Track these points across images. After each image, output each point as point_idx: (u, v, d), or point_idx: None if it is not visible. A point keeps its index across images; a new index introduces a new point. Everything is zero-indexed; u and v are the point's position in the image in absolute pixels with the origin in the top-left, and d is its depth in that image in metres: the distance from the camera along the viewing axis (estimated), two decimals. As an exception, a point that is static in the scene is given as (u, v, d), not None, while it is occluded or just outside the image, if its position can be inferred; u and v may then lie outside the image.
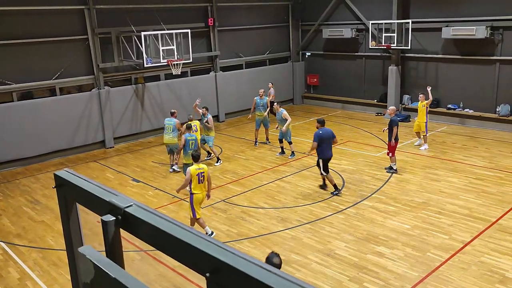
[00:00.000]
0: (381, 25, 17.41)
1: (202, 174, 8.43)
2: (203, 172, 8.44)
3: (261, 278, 0.90)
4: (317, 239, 8.61)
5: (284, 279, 0.90)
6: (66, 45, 14.55)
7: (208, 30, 18.07)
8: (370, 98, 19.37)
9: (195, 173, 8.36)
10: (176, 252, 1.11)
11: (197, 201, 8.57)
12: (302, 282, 0.92)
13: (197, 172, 8.38)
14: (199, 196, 8.55)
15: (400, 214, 9.52)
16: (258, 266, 0.94)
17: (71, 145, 14.82)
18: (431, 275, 7.27)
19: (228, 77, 18.86)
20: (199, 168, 8.43)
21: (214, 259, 0.98)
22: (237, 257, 0.98)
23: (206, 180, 8.53)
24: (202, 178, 8.44)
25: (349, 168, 12.40)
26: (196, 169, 8.40)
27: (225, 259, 0.97)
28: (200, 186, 8.49)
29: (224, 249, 1.01)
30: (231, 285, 0.96)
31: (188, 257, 1.06)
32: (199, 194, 8.52)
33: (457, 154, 13.20)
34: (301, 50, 21.60)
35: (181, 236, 1.08)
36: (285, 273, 0.92)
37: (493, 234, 8.47)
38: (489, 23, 15.08)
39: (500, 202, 9.85)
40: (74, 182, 1.51)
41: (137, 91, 16.26)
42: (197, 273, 1.12)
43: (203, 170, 8.45)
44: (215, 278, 0.97)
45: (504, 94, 15.49)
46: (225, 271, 0.96)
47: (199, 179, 8.41)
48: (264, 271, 0.93)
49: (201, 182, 8.47)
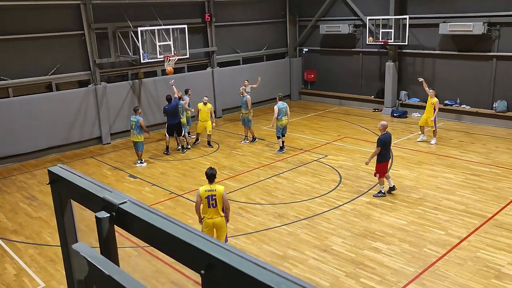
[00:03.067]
0: (378, 21, 17.40)
1: (213, 197, 7.03)
2: (214, 195, 7.03)
3: (256, 275, 0.90)
4: (314, 235, 8.63)
5: (278, 276, 0.89)
6: (62, 41, 14.48)
7: (205, 26, 18.01)
8: (367, 94, 19.38)
9: (203, 195, 7.05)
10: (171, 249, 1.10)
11: (206, 227, 7.17)
12: (295, 278, 0.91)
13: (206, 194, 7.03)
14: (208, 222, 7.13)
15: (396, 210, 9.55)
16: (252, 263, 0.94)
17: (68, 141, 14.77)
18: (428, 270, 7.30)
19: (225, 73, 18.82)
20: (210, 190, 7.05)
21: (208, 256, 0.97)
22: (232, 253, 0.97)
23: (219, 204, 7.09)
24: (213, 202, 7.04)
25: (346, 164, 12.41)
26: (206, 190, 7.05)
27: (219, 256, 0.96)
28: (211, 210, 7.09)
29: (218, 246, 1.01)
30: (226, 281, 0.95)
31: (183, 254, 1.05)
32: (208, 220, 7.14)
33: (454, 150, 13.23)
34: (298, 46, 21.57)
35: (175, 233, 1.07)
36: (279, 270, 0.92)
37: (489, 230, 8.51)
38: (486, 19, 15.09)
39: (496, 198, 9.89)
40: (68, 178, 1.50)
41: (134, 87, 16.21)
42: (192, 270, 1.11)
43: (214, 192, 7.03)
44: (209, 275, 0.97)
45: (500, 90, 15.52)
46: (219, 268, 0.96)
47: (209, 202, 7.04)
48: (258, 268, 0.93)
49: (212, 206, 7.07)
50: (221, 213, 7.16)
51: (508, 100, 15.36)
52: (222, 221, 7.20)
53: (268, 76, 20.36)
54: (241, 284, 0.92)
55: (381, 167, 10.05)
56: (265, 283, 0.86)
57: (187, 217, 9.57)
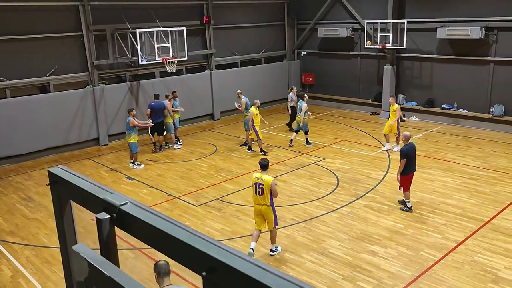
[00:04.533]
0: (377, 24, 17.45)
1: (260, 185, 7.48)
2: (262, 184, 7.48)
3: (258, 277, 0.90)
4: (311, 238, 8.62)
5: (280, 278, 0.89)
6: (60, 42, 14.46)
7: (204, 28, 18.03)
8: (365, 97, 19.42)
9: (253, 181, 7.59)
10: (172, 251, 1.10)
11: (255, 211, 7.83)
12: (297, 280, 0.91)
13: (255, 181, 7.53)
14: (256, 208, 7.73)
15: (393, 213, 9.56)
16: (254, 265, 0.94)
17: (65, 142, 14.74)
18: (424, 274, 7.30)
19: (224, 76, 18.83)
20: (259, 178, 7.54)
21: (210, 258, 0.97)
22: (234, 256, 0.97)
23: (266, 192, 7.51)
24: (260, 190, 7.51)
25: (343, 167, 12.43)
26: (256, 177, 7.56)
27: (221, 258, 0.96)
28: (257, 197, 7.59)
29: (220, 248, 1.00)
30: (227, 284, 0.95)
31: (184, 256, 1.05)
32: (256, 206, 7.71)
33: (451, 154, 13.27)
34: (296, 49, 21.61)
35: (177, 235, 1.07)
36: (282, 272, 0.92)
37: (486, 234, 8.52)
38: (483, 24, 15.16)
39: (493, 202, 9.91)
40: (68, 179, 1.50)
41: (132, 88, 16.20)
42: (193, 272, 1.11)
43: (262, 181, 7.49)
44: (211, 277, 0.97)
45: (498, 95, 15.58)
46: (221, 270, 0.96)
47: (256, 189, 7.54)
48: (260, 269, 0.93)
49: (259, 194, 7.53)
50: (268, 202, 7.62)
51: (505, 104, 15.42)
52: (268, 209, 7.70)
53: (266, 78, 20.40)
54: (243, 287, 0.92)
55: (406, 180, 9.52)
56: (268, 286, 0.86)
57: (184, 219, 9.55)
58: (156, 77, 16.97)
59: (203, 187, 11.46)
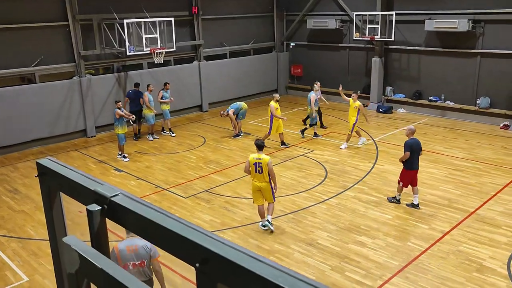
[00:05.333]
0: (365, 16, 17.47)
1: (259, 164, 8.30)
2: (261, 163, 8.29)
3: (252, 268, 0.90)
4: (300, 229, 8.68)
5: (275, 269, 0.89)
6: (46, 32, 14.23)
7: (192, 19, 17.88)
8: (353, 89, 19.41)
9: (252, 162, 8.35)
10: (165, 242, 1.09)
11: (254, 188, 8.52)
12: (292, 271, 0.91)
13: (254, 161, 8.33)
14: (256, 184, 8.45)
15: (381, 204, 9.65)
16: (248, 255, 0.94)
17: (51, 133, 14.57)
18: (411, 264, 7.41)
19: (212, 67, 18.73)
20: (257, 158, 8.32)
21: (204, 249, 0.97)
22: (227, 247, 0.97)
23: (265, 171, 8.30)
24: (259, 169, 8.32)
25: (332, 159, 12.49)
26: (254, 158, 8.35)
27: (215, 249, 0.96)
28: (257, 175, 8.36)
29: (213, 239, 1.00)
30: (222, 275, 0.95)
31: (177, 248, 1.05)
32: (256, 183, 8.45)
33: (438, 146, 13.41)
34: (285, 41, 21.55)
35: (170, 226, 1.06)
36: (276, 263, 0.92)
37: (471, 224, 8.66)
38: (471, 16, 15.27)
39: (479, 193, 10.06)
40: (57, 171, 1.48)
41: (119, 79, 16.03)
42: (185, 264, 1.11)
43: (261, 161, 8.29)
44: (204, 268, 0.96)
45: (484, 87, 15.75)
46: (215, 261, 0.95)
47: (256, 168, 8.34)
48: (254, 260, 0.93)
49: (259, 172, 8.33)
50: (267, 178, 8.37)
51: (491, 96, 15.61)
52: (267, 186, 8.42)
53: (255, 70, 20.34)
54: (237, 278, 0.92)
55: (407, 176, 9.29)
56: (262, 276, 0.86)
57: (174, 211, 9.53)
58: (144, 68, 16.81)
59: (191, 179, 11.44)
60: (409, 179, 9.34)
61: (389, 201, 9.68)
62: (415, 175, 9.39)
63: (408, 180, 9.34)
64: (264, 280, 0.84)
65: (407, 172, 9.31)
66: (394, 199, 9.63)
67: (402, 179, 9.39)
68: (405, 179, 9.35)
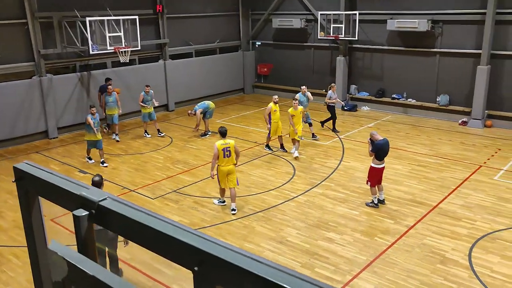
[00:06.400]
0: (330, 16, 17.74)
1: (227, 148, 8.97)
2: (229, 147, 8.99)
3: (249, 268, 0.91)
4: (269, 227, 8.74)
5: (273, 268, 0.91)
6: (3, 29, 13.67)
7: (157, 17, 17.63)
8: (318, 88, 19.72)
9: (220, 148, 8.93)
10: (159, 247, 1.09)
11: (221, 173, 9.10)
12: (288, 269, 0.94)
13: (223, 147, 8.94)
14: (223, 169, 9.04)
15: (348, 200, 9.85)
16: (245, 256, 0.95)
17: (10, 135, 14.02)
18: (378, 258, 7.61)
19: (178, 66, 18.54)
20: (225, 144, 8.99)
21: (201, 252, 0.97)
22: (224, 248, 0.98)
23: (233, 153, 9.05)
24: (228, 153, 8.97)
25: (300, 157, 12.62)
26: (222, 144, 8.96)
27: (212, 251, 0.97)
28: (226, 160, 8.99)
29: (210, 241, 1.01)
30: (220, 277, 0.96)
31: (173, 251, 1.04)
32: (223, 167, 9.04)
33: (401, 142, 13.80)
34: (251, 40, 21.60)
35: (164, 230, 1.06)
36: (274, 262, 0.94)
37: (434, 218, 8.98)
38: (430, 17, 15.79)
39: (440, 187, 10.44)
40: (37, 175, 1.44)
41: (82, 79, 15.62)
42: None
43: (229, 145, 9.01)
44: (202, 271, 0.97)
45: (443, 85, 16.33)
46: (213, 263, 0.96)
47: (224, 153, 8.95)
48: (251, 261, 0.94)
49: (227, 156, 8.98)
50: (234, 160, 9.14)
51: (450, 94, 16.20)
52: (233, 168, 9.19)
53: (221, 69, 20.28)
54: (236, 279, 0.93)
55: (374, 174, 9.30)
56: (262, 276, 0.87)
57: (142, 213, 9.39)
58: (108, 67, 16.44)
59: (159, 179, 11.30)
60: (377, 177, 9.39)
61: (367, 205, 9.52)
62: (382, 173, 9.51)
63: (376, 178, 9.38)
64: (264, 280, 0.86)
65: (374, 169, 9.33)
66: (372, 203, 9.49)
67: (370, 179, 9.40)
68: (373, 177, 9.36)
